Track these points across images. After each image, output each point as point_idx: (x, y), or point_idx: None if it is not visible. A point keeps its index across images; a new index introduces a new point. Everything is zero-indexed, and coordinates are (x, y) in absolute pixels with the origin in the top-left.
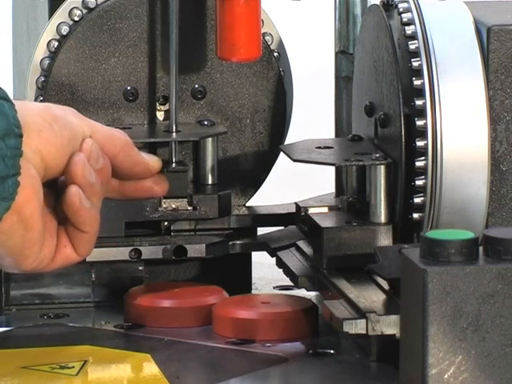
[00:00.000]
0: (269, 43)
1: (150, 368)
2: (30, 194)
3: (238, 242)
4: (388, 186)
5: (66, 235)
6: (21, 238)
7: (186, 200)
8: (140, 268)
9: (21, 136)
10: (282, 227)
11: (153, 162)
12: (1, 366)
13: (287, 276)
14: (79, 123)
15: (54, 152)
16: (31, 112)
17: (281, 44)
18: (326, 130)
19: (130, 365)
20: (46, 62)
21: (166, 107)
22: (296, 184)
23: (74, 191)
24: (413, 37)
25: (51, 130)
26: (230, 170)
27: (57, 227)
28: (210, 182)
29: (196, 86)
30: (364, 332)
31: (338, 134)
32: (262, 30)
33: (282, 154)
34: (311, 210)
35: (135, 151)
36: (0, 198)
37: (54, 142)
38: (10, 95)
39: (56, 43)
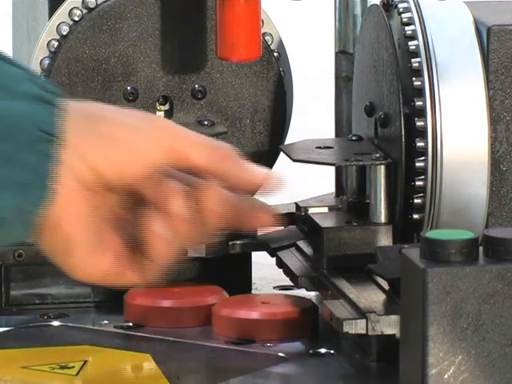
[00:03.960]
0: (269, 43)
1: (150, 368)
2: (66, 205)
3: (238, 242)
4: (388, 185)
5: (131, 253)
6: (61, 246)
7: None
8: None
9: (57, 143)
10: (281, 227)
11: (256, 176)
12: (1, 365)
13: (287, 276)
14: (155, 133)
15: (106, 161)
16: (87, 118)
17: (281, 44)
18: (326, 130)
19: (130, 365)
20: (46, 62)
21: (166, 107)
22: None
23: (151, 215)
24: (413, 37)
25: (104, 139)
26: None
27: (122, 242)
28: None
29: (196, 86)
30: (364, 332)
31: (338, 134)
32: (262, 30)
33: (282, 153)
34: (311, 210)
35: (234, 164)
36: (27, 204)
37: (106, 151)
38: None
39: (56, 43)
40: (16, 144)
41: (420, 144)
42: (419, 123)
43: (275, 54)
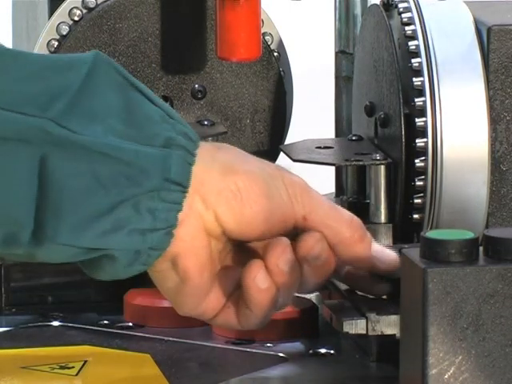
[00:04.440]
0: (269, 43)
1: (150, 368)
2: (187, 249)
3: None
4: (388, 186)
5: (236, 300)
6: (175, 283)
7: None
8: None
9: (183, 192)
10: None
11: (384, 262)
12: (1, 366)
13: None
14: (291, 200)
15: (237, 221)
16: (221, 168)
17: (281, 44)
18: (326, 130)
19: (130, 365)
20: None
21: None
22: None
23: (253, 267)
24: (413, 37)
25: (237, 198)
26: None
27: (233, 288)
28: None
29: (196, 86)
30: (364, 332)
31: (338, 134)
32: (262, 30)
33: (282, 153)
34: None
35: (362, 245)
36: (146, 247)
37: (238, 211)
38: None
39: (56, 43)
40: (140, 189)
41: (420, 144)
42: (419, 123)
43: (275, 54)
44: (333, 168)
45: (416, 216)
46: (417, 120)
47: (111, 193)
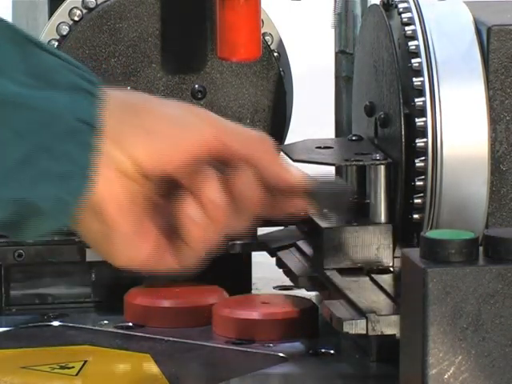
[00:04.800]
0: (269, 43)
1: (150, 368)
2: (106, 193)
3: (238, 242)
4: (388, 186)
5: (169, 239)
6: (100, 233)
7: None
8: None
9: (96, 133)
10: (281, 227)
11: (293, 176)
12: (1, 366)
13: (287, 276)
14: (200, 127)
15: (148, 154)
16: (127, 108)
17: (281, 44)
18: (326, 130)
19: (130, 365)
20: None
21: None
22: None
23: (186, 200)
24: (413, 37)
25: (146, 131)
26: None
27: (163, 229)
28: None
29: (196, 86)
30: (364, 332)
31: (338, 134)
32: (262, 30)
33: (282, 153)
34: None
35: (272, 159)
36: (67, 193)
37: (148, 144)
38: None
39: (56, 43)
40: (55, 135)
41: (420, 144)
42: (419, 123)
43: (275, 54)
44: (333, 168)
45: (416, 216)
46: (417, 120)
47: (28, 141)
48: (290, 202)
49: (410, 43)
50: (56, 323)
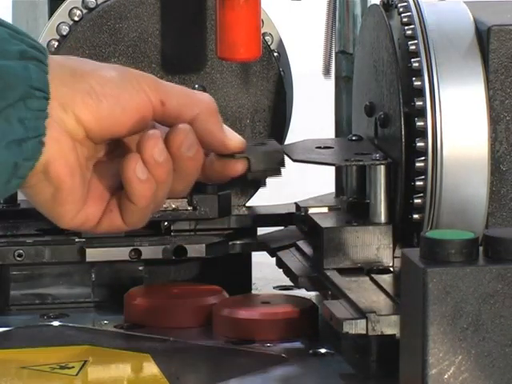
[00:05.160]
0: (269, 43)
1: (150, 368)
2: (55, 154)
3: (238, 242)
4: (388, 186)
5: (117, 201)
6: (50, 195)
7: (186, 200)
8: (140, 268)
9: (46, 98)
10: (281, 227)
11: (231, 139)
12: (1, 366)
13: (287, 276)
14: (142, 88)
15: (96, 118)
16: (72, 73)
17: (281, 44)
18: (326, 130)
19: (130, 365)
20: None
21: None
22: (296, 184)
23: (131, 159)
24: (413, 37)
25: (92, 95)
26: None
27: (110, 191)
28: None
29: (196, 86)
30: (364, 332)
31: (338, 134)
32: (262, 30)
33: None
34: (311, 210)
35: (214, 121)
36: (22, 158)
37: (95, 108)
38: None
39: (56, 43)
40: (8, 101)
41: (420, 144)
42: (419, 123)
43: (275, 54)
44: (333, 168)
45: (416, 216)
46: (417, 120)
47: None
48: (228, 165)
49: (409, 43)
50: (56, 323)
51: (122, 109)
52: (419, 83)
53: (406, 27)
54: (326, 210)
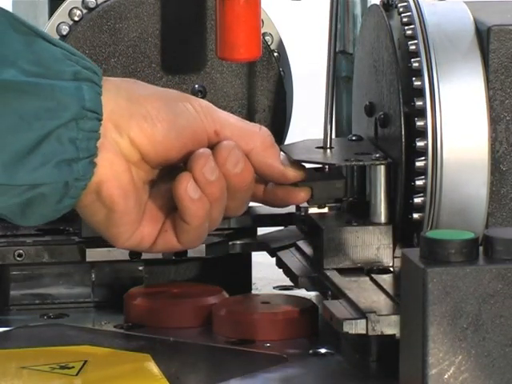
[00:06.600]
0: (269, 43)
1: (150, 368)
2: (108, 175)
3: (238, 242)
4: (388, 186)
5: (172, 221)
6: (104, 216)
7: None
8: (140, 268)
9: (99, 119)
10: (281, 227)
11: (292, 170)
12: (1, 366)
13: (287, 276)
14: (199, 116)
15: (151, 141)
16: (128, 96)
17: (281, 44)
18: None
19: (130, 365)
20: None
21: None
22: None
23: (182, 179)
24: (413, 37)
25: (148, 119)
26: None
27: (165, 211)
28: None
29: (196, 86)
30: (364, 332)
31: (338, 134)
32: (262, 30)
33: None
34: (311, 210)
35: (271, 155)
36: (73, 178)
37: (150, 132)
38: None
39: None
40: (60, 121)
41: (420, 144)
42: (419, 123)
43: (275, 54)
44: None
45: (416, 216)
46: (417, 120)
47: (35, 128)
48: (291, 193)
49: (409, 43)
50: (56, 323)
51: (176, 134)
52: (419, 83)
53: (406, 27)
54: (326, 210)
